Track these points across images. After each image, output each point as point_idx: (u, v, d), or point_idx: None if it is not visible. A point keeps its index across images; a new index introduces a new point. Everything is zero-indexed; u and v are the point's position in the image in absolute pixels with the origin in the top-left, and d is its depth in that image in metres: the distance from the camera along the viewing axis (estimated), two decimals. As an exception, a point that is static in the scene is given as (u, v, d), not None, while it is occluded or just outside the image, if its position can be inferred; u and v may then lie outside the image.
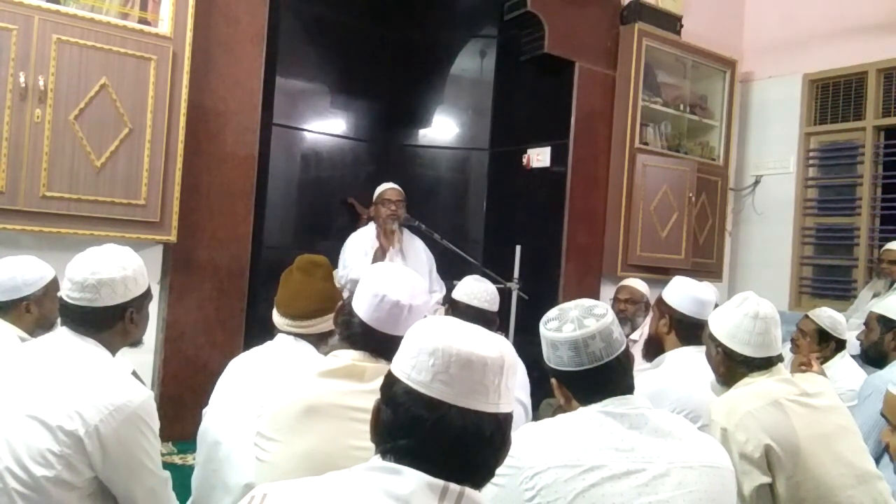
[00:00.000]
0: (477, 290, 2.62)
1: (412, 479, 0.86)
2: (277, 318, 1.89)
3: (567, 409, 1.40)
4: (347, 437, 1.33)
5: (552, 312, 1.41)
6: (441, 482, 0.86)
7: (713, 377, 1.90)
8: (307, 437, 1.33)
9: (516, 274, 3.65)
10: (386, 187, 3.75)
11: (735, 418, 1.66)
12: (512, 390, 0.92)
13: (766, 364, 1.77)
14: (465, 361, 0.88)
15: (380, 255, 3.57)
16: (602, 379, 1.35)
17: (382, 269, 1.51)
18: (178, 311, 3.15)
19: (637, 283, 3.61)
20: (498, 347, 0.91)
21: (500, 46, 4.70)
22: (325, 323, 1.86)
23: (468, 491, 0.88)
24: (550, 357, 1.39)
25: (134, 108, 2.83)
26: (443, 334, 0.90)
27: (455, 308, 2.63)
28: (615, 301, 3.61)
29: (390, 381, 0.92)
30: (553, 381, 1.42)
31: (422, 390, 0.88)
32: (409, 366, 0.90)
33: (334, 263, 3.49)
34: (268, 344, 1.90)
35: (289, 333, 1.87)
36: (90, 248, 1.58)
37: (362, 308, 1.45)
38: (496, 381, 0.89)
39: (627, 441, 1.28)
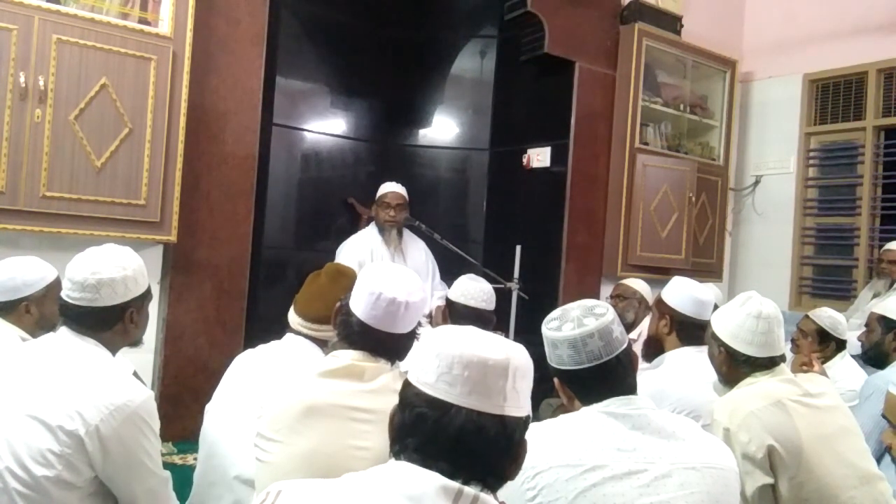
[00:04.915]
0: (473, 289, 2.60)
1: (427, 481, 0.87)
2: (293, 316, 1.91)
3: (570, 409, 1.40)
4: (348, 438, 1.33)
5: (555, 313, 1.42)
6: (456, 485, 0.87)
7: (715, 377, 1.89)
8: (307, 438, 1.33)
9: (516, 274, 3.65)
10: (387, 189, 3.65)
11: (738, 418, 1.66)
12: (522, 393, 0.93)
13: (768, 364, 1.77)
14: (467, 362, 0.90)
15: (387, 257, 3.50)
16: (602, 378, 1.35)
17: (378, 268, 1.52)
18: (178, 311, 3.15)
19: (633, 282, 3.59)
20: (505, 351, 0.93)
21: (500, 46, 4.70)
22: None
23: (483, 495, 0.88)
24: (552, 356, 1.40)
25: (134, 108, 2.82)
26: (452, 339, 0.93)
27: (452, 308, 2.62)
28: (608, 298, 3.61)
29: (405, 386, 0.95)
30: (555, 380, 1.42)
31: (427, 390, 0.91)
32: (419, 368, 0.93)
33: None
34: (275, 343, 1.91)
35: (299, 333, 1.88)
36: (90, 248, 1.58)
37: (360, 307, 1.45)
38: (500, 384, 0.90)
39: (630, 441, 1.28)
